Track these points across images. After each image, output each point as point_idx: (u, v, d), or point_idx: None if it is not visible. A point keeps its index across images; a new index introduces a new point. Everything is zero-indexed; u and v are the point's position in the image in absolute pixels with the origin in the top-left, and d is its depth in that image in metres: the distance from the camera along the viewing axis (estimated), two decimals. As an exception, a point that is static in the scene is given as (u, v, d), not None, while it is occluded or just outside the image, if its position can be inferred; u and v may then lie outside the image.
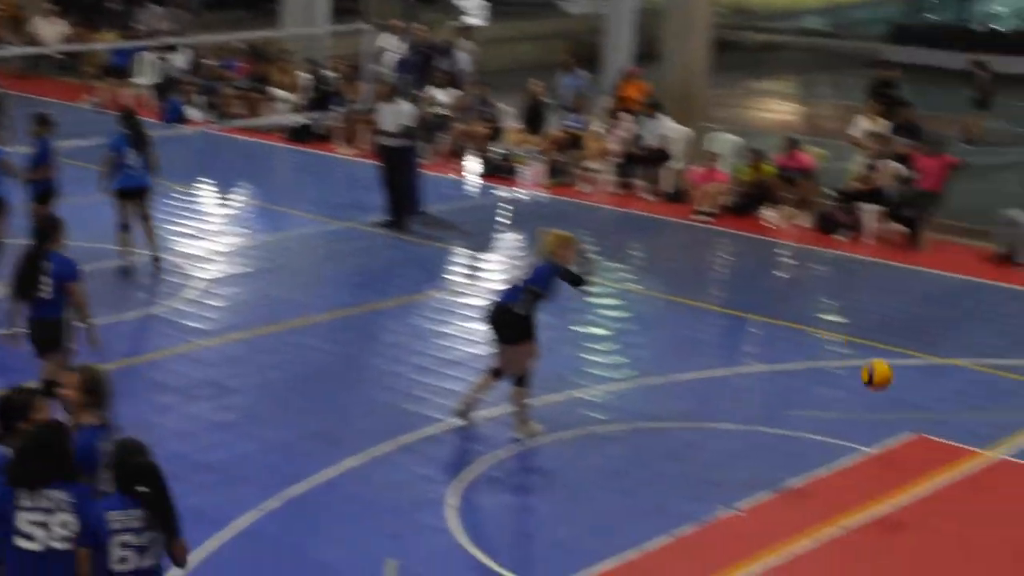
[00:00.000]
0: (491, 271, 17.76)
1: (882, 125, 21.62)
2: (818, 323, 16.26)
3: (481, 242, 19.15)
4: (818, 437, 12.74)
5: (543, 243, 12.39)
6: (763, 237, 20.11)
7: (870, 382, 11.70)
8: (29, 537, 7.29)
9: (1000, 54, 30.70)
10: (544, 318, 12.60)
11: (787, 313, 16.57)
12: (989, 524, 11.23)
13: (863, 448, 12.52)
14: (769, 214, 20.75)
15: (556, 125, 23.85)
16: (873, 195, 20.05)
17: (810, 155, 21.28)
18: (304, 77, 26.48)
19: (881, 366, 11.77)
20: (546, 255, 12.29)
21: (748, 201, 21.02)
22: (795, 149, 21.21)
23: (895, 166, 20.31)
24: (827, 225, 20.22)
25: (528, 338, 12.28)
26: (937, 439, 12.85)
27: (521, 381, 12.40)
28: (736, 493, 11.47)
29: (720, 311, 16.74)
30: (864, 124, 21.85)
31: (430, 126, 23.36)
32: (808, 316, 16.53)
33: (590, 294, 12.22)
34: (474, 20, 34.24)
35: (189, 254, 17.96)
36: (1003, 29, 36.73)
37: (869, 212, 19.94)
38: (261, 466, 11.84)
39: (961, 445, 12.69)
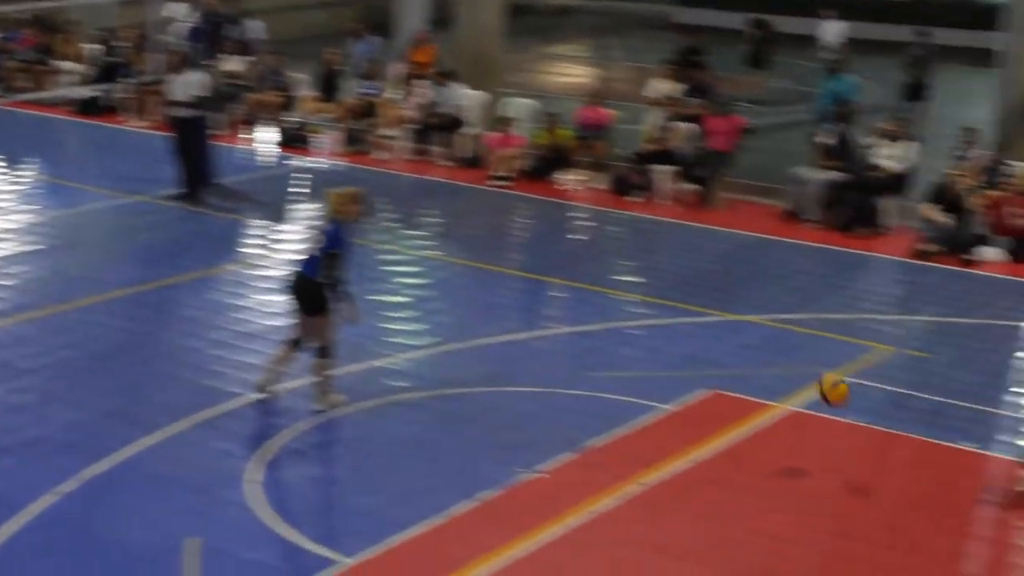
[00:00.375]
0: (288, 242, 17.60)
1: (675, 87, 21.97)
2: (616, 284, 16.50)
3: (277, 213, 18.97)
4: (618, 397, 12.93)
5: (327, 204, 12.31)
6: (560, 200, 20.31)
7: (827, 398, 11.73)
8: None
9: (783, 14, 31.40)
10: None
11: (585, 275, 16.78)
12: (781, 474, 11.55)
13: (662, 406, 12.75)
14: (565, 177, 20.96)
15: (351, 93, 23.71)
16: (665, 156, 20.38)
17: (608, 111, 21.56)
18: (91, 48, 25.84)
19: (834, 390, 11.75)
20: (332, 215, 12.20)
21: (544, 165, 21.20)
22: (596, 103, 21.48)
23: (686, 127, 20.68)
24: (622, 187, 20.50)
25: (327, 310, 12.20)
26: (732, 394, 13.15)
27: (324, 352, 12.33)
28: (538, 455, 11.59)
29: (519, 275, 16.86)
30: (658, 86, 22.18)
31: (222, 96, 23.02)
32: (606, 277, 16.76)
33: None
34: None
35: (-25, 233, 17.46)
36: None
37: (662, 173, 20.27)
38: (57, 448, 11.58)
39: (755, 399, 13.02)
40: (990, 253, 17.77)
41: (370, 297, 15.22)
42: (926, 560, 10.24)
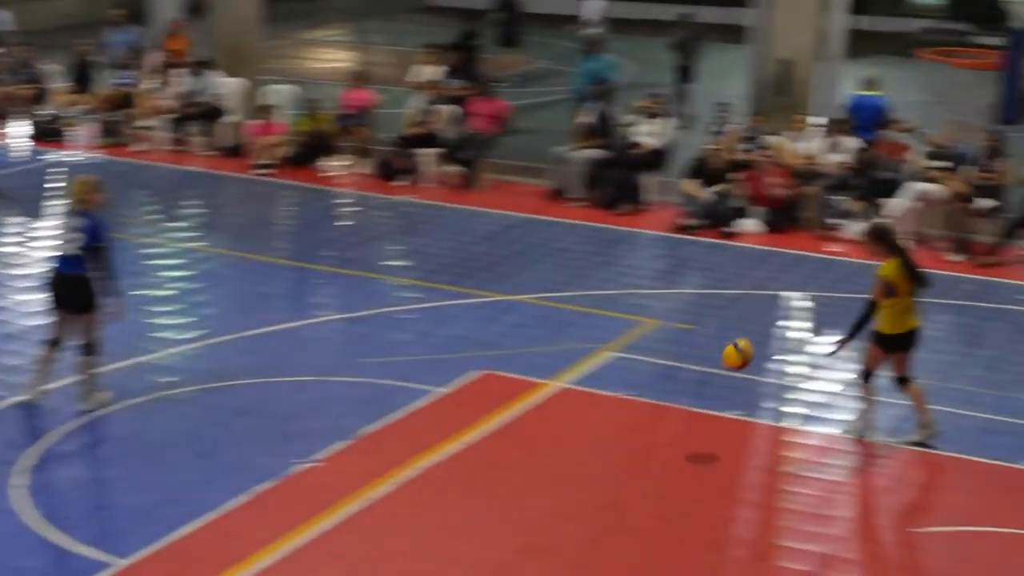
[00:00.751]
0: (44, 239, 17.09)
1: (437, 70, 22.00)
2: (384, 269, 16.48)
3: (32, 209, 18.40)
4: (391, 382, 12.92)
5: (71, 194, 12.00)
6: (325, 187, 20.18)
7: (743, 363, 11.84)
8: None
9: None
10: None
11: (353, 261, 16.72)
12: (553, 449, 11.71)
13: (435, 389, 12.78)
14: (329, 163, 20.83)
15: (106, 84, 23.14)
16: (429, 139, 20.42)
17: (371, 95, 21.48)
18: None
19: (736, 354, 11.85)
20: (78, 206, 11.92)
21: (307, 152, 21.03)
22: (360, 85, 21.40)
23: (449, 109, 20.73)
24: (387, 171, 20.47)
25: (93, 307, 11.90)
26: (505, 374, 13.26)
27: (89, 350, 12.03)
28: (313, 444, 11.51)
29: (286, 264, 16.71)
30: (420, 70, 22.18)
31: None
32: (374, 263, 16.73)
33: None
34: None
35: None
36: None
37: (426, 156, 20.30)
38: None
39: (527, 378, 13.15)
40: (748, 225, 18.27)
41: (133, 292, 14.88)
42: (697, 526, 10.49)
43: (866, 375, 11.91)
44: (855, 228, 18.03)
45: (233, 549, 9.86)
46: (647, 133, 19.57)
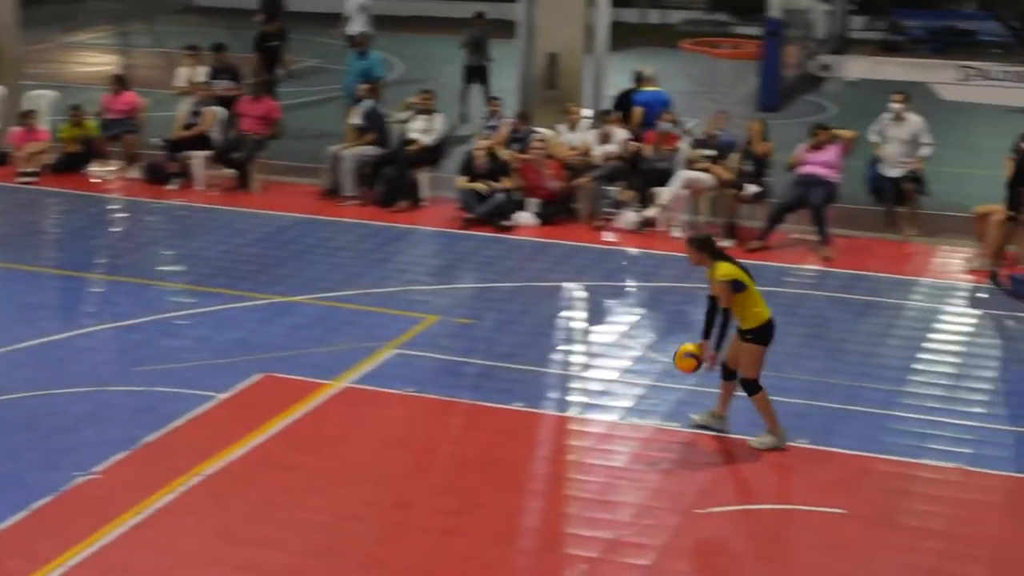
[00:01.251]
0: None
1: (199, 71, 21.66)
2: (158, 275, 16.18)
3: None
4: (170, 389, 12.69)
5: None
6: (93, 194, 19.72)
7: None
8: None
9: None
10: None
11: (125, 268, 16.38)
12: (339, 450, 11.65)
13: (215, 394, 12.61)
14: (97, 169, 20.37)
15: None
16: (199, 141, 20.11)
17: (137, 96, 21.06)
18: None
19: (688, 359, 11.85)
20: None
21: (74, 158, 20.53)
22: (123, 88, 20.96)
23: (217, 111, 20.45)
24: (157, 175, 20.11)
25: None
26: (285, 376, 13.14)
27: None
28: (91, 457, 11.24)
29: (56, 273, 16.29)
30: (184, 72, 21.83)
31: None
32: (147, 269, 16.41)
33: None
34: None
35: None
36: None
37: (197, 159, 20.00)
38: None
39: (308, 379, 13.06)
40: (524, 217, 18.44)
41: None
42: (485, 520, 10.56)
43: (754, 384, 11.79)
44: (627, 218, 18.36)
45: (12, 567, 9.58)
46: (420, 130, 19.59)
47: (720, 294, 11.59)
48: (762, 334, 11.65)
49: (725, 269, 11.58)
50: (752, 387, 11.72)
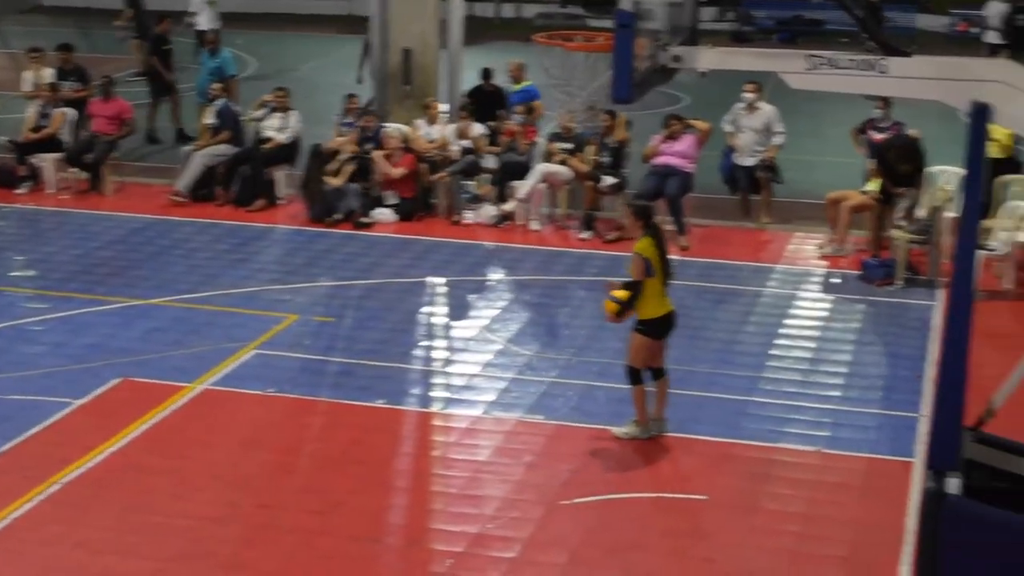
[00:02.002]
0: None
1: (45, 73, 21.21)
2: (9, 280, 15.84)
3: None
4: (26, 397, 12.45)
5: None
6: (-60, 199, 19.26)
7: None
8: None
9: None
10: None
11: (-25, 274, 16.04)
12: (201, 452, 11.53)
13: (72, 401, 12.39)
14: (-57, 174, 19.90)
15: None
16: (49, 144, 19.73)
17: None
18: None
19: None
20: None
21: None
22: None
23: (67, 112, 20.07)
24: (6, 179, 19.68)
25: None
26: (145, 380, 12.96)
27: None
28: (-56, 468, 11.00)
29: (-97, 281, 15.89)
30: (31, 75, 21.37)
31: None
32: (-1, 275, 16.08)
33: None
34: None
35: None
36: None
37: (47, 161, 19.62)
38: None
39: (168, 382, 12.90)
40: (383, 214, 18.38)
41: None
42: (349, 518, 10.51)
43: (636, 375, 11.79)
44: (486, 212, 18.39)
45: None
46: (276, 128, 19.41)
47: (632, 265, 11.59)
48: (653, 327, 11.68)
49: (644, 244, 11.60)
50: (632, 376, 11.79)
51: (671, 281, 11.82)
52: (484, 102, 19.85)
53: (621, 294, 11.66)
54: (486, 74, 20.26)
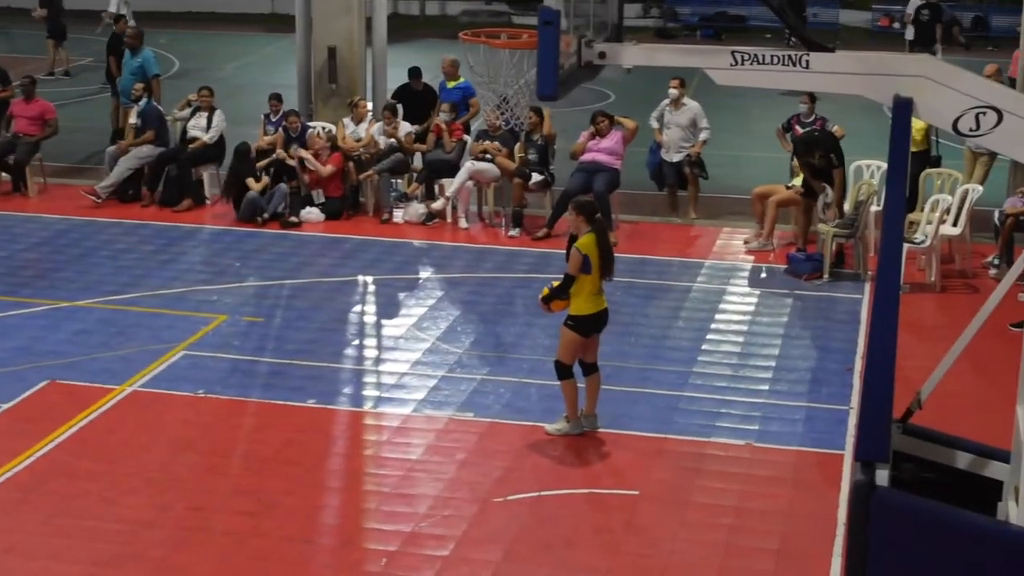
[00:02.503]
0: None
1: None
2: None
3: None
4: (-52, 401, 12.32)
5: None
6: None
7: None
8: None
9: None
10: None
11: None
12: (130, 455, 11.44)
13: (-2, 405, 12.29)
14: None
15: None
16: (-29, 146, 19.51)
17: None
18: None
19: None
20: None
21: None
22: None
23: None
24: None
25: None
26: (72, 383, 12.85)
27: None
28: None
29: None
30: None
31: None
32: (-80, 278, 15.87)
33: None
34: None
35: None
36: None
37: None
38: None
39: (96, 384, 12.79)
40: (311, 214, 18.30)
41: None
42: (282, 519, 10.47)
43: (566, 370, 11.82)
44: (414, 210, 18.36)
45: None
46: (201, 127, 19.27)
47: (570, 259, 11.62)
48: (583, 324, 11.72)
49: (586, 240, 11.62)
50: (562, 371, 11.82)
51: (610, 279, 11.88)
52: (412, 101, 19.79)
53: (556, 284, 11.76)
54: (413, 73, 20.20)
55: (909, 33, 28.63)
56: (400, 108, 19.30)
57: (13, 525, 10.28)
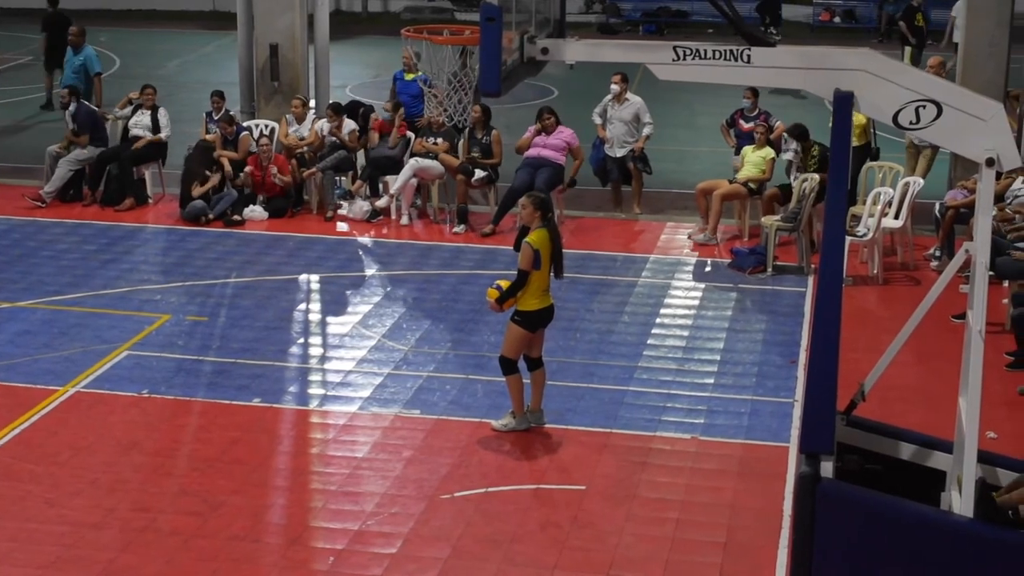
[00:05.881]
0: None
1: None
2: None
3: None
4: None
5: None
6: None
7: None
8: None
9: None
10: None
11: None
12: (74, 457, 11.35)
13: (-62, 408, 12.15)
14: None
15: None
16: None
17: None
18: None
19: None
20: None
21: None
22: None
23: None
24: None
25: None
26: (13, 384, 12.74)
27: None
28: None
29: None
30: None
31: None
32: None
33: None
34: None
35: None
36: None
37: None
38: None
39: (38, 386, 12.69)
40: (255, 212, 18.22)
41: None
42: (229, 518, 10.41)
43: (511, 365, 11.81)
44: (358, 207, 18.31)
45: None
46: (144, 126, 19.13)
47: (520, 255, 11.61)
48: (530, 319, 11.72)
49: (538, 236, 11.61)
50: (507, 366, 11.82)
51: (561, 278, 11.90)
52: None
53: (505, 283, 11.75)
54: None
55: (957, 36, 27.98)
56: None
57: (-45, 529, 10.20)
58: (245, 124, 19.18)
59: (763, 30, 32.57)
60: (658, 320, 14.89)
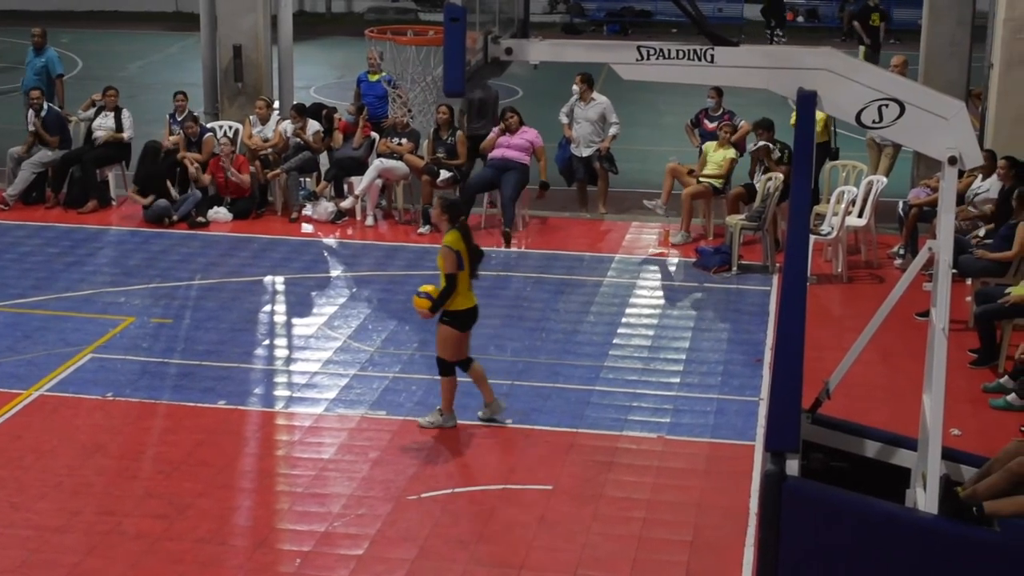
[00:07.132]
0: None
1: None
2: None
3: None
4: None
5: None
6: None
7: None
8: None
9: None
10: None
11: None
12: (39, 461, 11.29)
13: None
14: None
15: None
16: None
17: None
18: None
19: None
20: None
21: None
22: None
23: None
24: None
25: None
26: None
27: None
28: None
29: None
30: None
31: None
32: None
33: None
34: None
35: None
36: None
37: None
38: None
39: (0, 390, 12.61)
40: (219, 214, 18.16)
41: None
42: (195, 521, 10.38)
43: (448, 367, 11.85)
44: (323, 208, 18.27)
45: None
46: (107, 127, 19.04)
47: (442, 259, 11.62)
48: (460, 319, 11.76)
49: (453, 238, 11.63)
50: (444, 368, 11.85)
51: (476, 278, 11.93)
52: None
53: (430, 289, 11.76)
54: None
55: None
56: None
57: (-81, 534, 10.13)
58: (208, 125, 19.11)
59: (769, 33, 32.81)
60: (624, 320, 14.91)
